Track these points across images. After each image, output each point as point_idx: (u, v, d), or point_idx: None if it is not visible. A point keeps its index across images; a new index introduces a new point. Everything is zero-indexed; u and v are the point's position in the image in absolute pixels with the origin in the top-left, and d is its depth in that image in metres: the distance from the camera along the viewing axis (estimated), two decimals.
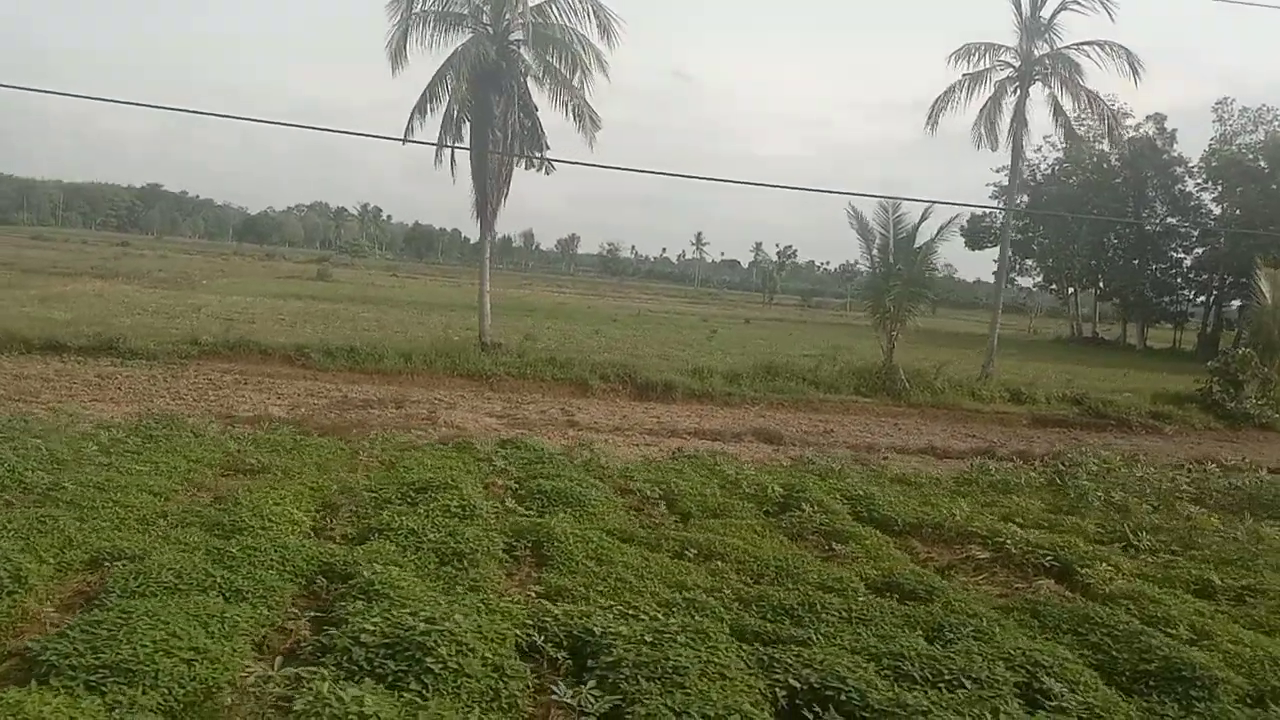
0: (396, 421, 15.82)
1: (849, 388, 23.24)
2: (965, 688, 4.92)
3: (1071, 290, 60.55)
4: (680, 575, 6.73)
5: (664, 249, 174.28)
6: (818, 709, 4.70)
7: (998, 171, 58.16)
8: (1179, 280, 53.27)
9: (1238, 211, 47.80)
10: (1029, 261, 61.82)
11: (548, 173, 23.02)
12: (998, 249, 63.13)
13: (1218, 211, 51.31)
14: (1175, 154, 52.47)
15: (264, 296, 38.82)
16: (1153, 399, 24.87)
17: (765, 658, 5.19)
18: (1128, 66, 24.07)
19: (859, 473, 12.46)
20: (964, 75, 25.55)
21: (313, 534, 7.21)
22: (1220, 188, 49.66)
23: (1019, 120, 25.39)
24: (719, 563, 7.15)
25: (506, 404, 18.77)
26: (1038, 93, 25.74)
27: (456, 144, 22.10)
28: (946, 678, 5.08)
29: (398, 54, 21.06)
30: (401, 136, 21.76)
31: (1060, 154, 54.74)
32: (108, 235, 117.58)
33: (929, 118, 26.01)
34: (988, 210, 59.61)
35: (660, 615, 5.65)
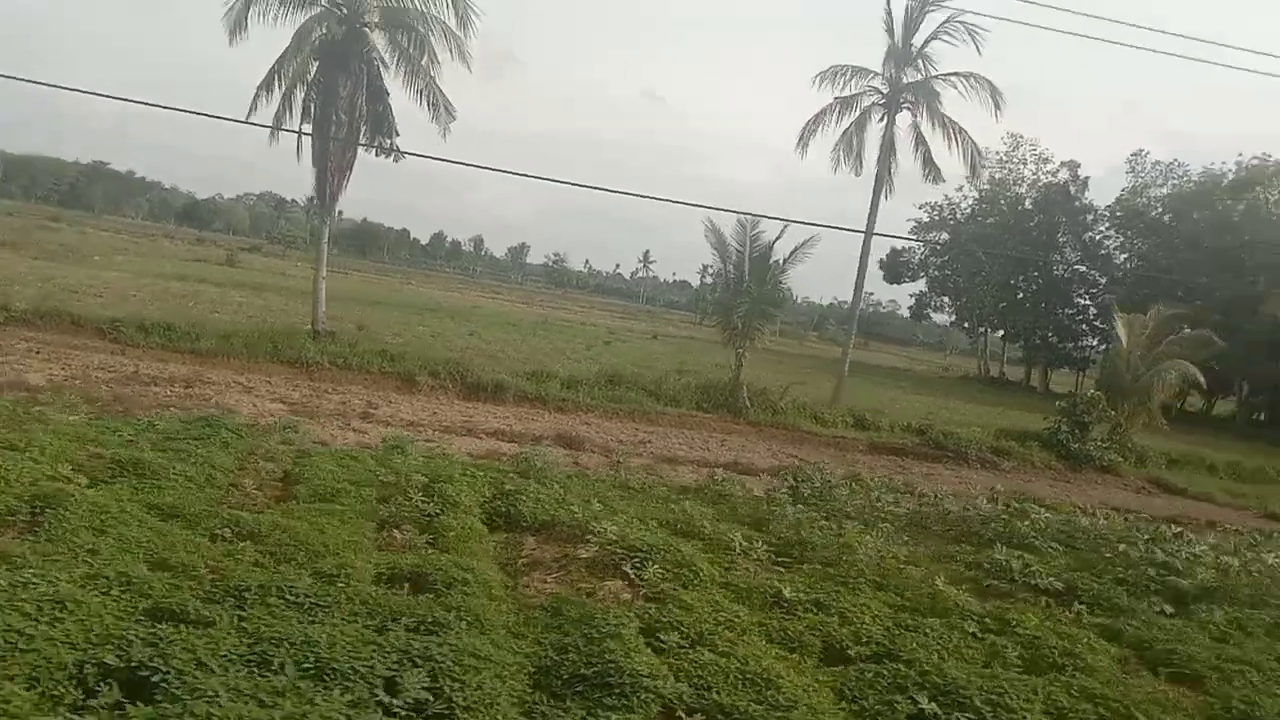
0: (170, 400, 15.22)
1: (691, 402, 22.97)
2: (282, 675, 4.45)
3: (982, 330, 61.21)
4: (176, 553, 6.20)
5: (617, 265, 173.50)
6: (109, 684, 4.23)
7: (919, 208, 58.98)
8: (1084, 327, 54.01)
9: (1138, 261, 48.61)
10: (945, 299, 62.45)
11: (396, 160, 22.52)
12: (915, 284, 64.07)
13: (1121, 259, 52.24)
14: (1087, 201, 53.42)
15: (147, 275, 37.56)
16: (996, 435, 24.83)
17: (119, 635, 4.69)
18: (990, 100, 24.30)
19: (590, 476, 12.10)
20: (835, 99, 25.63)
21: None
22: (1122, 237, 50.55)
23: (886, 146, 25.45)
24: (247, 544, 6.63)
25: (312, 392, 18.15)
26: (906, 121, 25.90)
27: (294, 125, 21.48)
28: (305, 666, 4.63)
29: (238, 25, 20.37)
30: (245, 117, 21.15)
31: (978, 195, 55.52)
32: (43, 209, 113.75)
33: (799, 140, 26.09)
34: (906, 244, 60.26)
35: (71, 586, 5.12)
